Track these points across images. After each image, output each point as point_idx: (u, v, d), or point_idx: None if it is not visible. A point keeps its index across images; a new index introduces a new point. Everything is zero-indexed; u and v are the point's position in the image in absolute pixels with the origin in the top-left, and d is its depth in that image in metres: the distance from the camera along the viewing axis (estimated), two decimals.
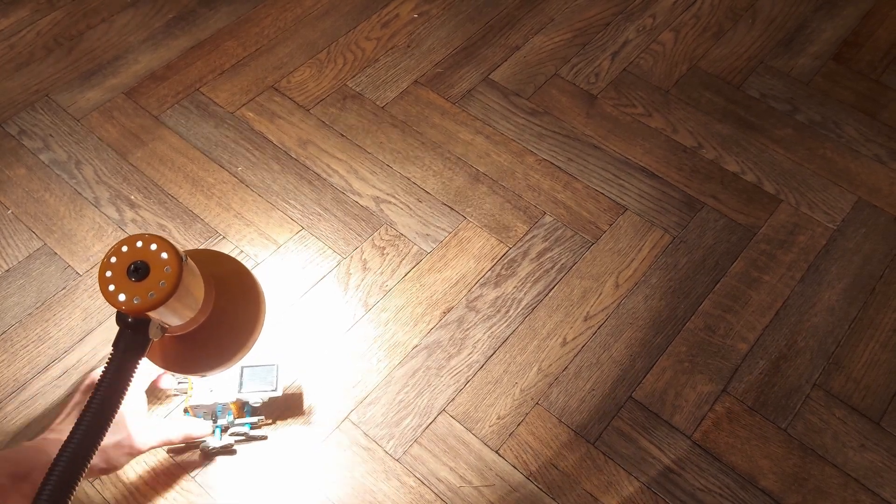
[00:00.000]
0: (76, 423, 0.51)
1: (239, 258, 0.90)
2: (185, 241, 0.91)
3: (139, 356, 0.55)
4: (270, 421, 0.78)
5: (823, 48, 1.14)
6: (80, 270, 0.88)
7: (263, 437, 0.77)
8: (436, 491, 0.75)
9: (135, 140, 1.00)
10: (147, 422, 0.71)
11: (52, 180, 0.96)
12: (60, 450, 0.50)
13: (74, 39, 1.12)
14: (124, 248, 0.53)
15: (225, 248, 0.91)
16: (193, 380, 0.76)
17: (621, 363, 0.83)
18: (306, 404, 0.79)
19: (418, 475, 0.76)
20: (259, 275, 0.88)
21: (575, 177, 0.98)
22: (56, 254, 0.89)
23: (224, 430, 0.76)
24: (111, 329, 0.84)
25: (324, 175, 0.98)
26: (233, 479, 0.75)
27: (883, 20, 1.18)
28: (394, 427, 0.78)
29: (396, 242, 0.92)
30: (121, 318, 0.54)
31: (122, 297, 0.52)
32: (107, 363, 0.54)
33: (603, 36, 1.15)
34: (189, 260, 0.55)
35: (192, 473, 0.75)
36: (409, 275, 0.89)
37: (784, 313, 0.87)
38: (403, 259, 0.91)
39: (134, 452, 0.67)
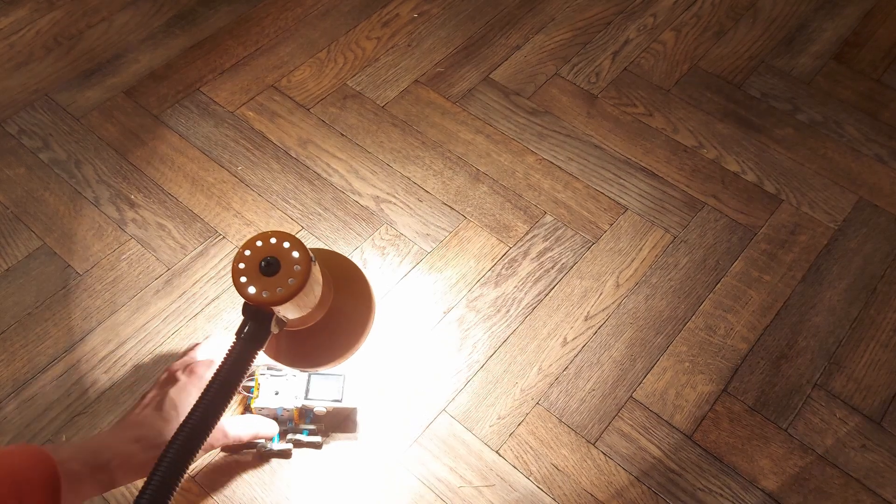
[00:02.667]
0: (193, 407, 0.53)
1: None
2: (185, 240, 0.91)
3: (259, 347, 0.56)
4: (323, 433, 0.77)
5: (824, 48, 1.14)
6: (79, 270, 0.88)
7: (318, 446, 0.76)
8: (436, 491, 0.75)
9: (135, 139, 1.00)
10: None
11: (51, 180, 0.96)
12: (179, 428, 0.52)
13: (74, 38, 1.12)
14: (258, 243, 0.55)
15: (225, 248, 0.90)
16: (261, 382, 0.76)
17: (622, 363, 0.83)
18: None
19: (418, 475, 0.76)
20: None
21: (575, 176, 0.98)
22: (56, 253, 0.89)
23: (282, 434, 0.76)
24: (111, 329, 0.84)
25: (324, 174, 0.98)
26: (233, 479, 0.75)
27: (884, 20, 1.18)
28: (394, 427, 0.78)
29: (397, 242, 0.92)
30: (247, 310, 0.56)
31: (251, 290, 0.54)
32: (228, 351, 0.55)
33: (604, 35, 1.15)
34: (317, 262, 0.57)
35: (192, 473, 0.75)
36: (409, 274, 0.89)
37: (785, 313, 0.87)
38: (404, 259, 0.90)
39: (206, 448, 0.69)
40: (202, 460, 0.75)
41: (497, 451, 0.77)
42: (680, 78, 1.10)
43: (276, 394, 0.75)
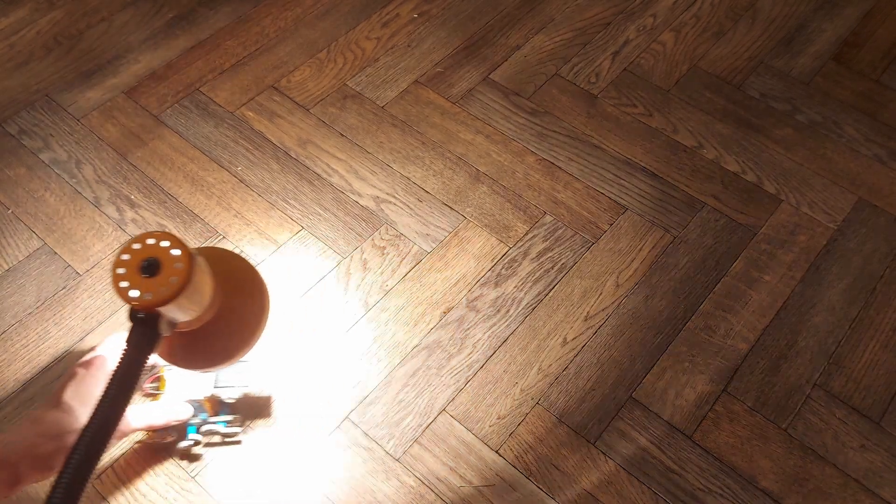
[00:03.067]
0: (90, 417, 0.52)
1: None
2: (185, 240, 0.91)
3: (150, 352, 0.55)
4: (240, 424, 0.77)
5: (823, 48, 1.14)
6: (80, 270, 0.88)
7: (237, 441, 0.76)
8: (436, 491, 0.75)
9: (135, 140, 1.00)
10: (130, 406, 0.71)
11: (52, 180, 0.96)
12: (75, 444, 0.51)
13: (74, 39, 1.12)
14: (136, 246, 0.54)
15: (225, 248, 0.90)
16: (166, 378, 0.76)
17: (621, 363, 0.83)
18: (306, 404, 0.79)
19: (418, 475, 0.76)
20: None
21: (575, 176, 0.98)
22: (56, 253, 0.89)
23: (197, 427, 0.75)
24: (111, 329, 0.84)
25: (324, 175, 0.98)
26: (233, 478, 0.75)
27: (883, 20, 1.18)
28: (394, 427, 0.78)
29: (397, 242, 0.92)
30: (133, 315, 0.55)
31: (134, 293, 0.53)
32: (119, 359, 0.54)
33: (603, 36, 1.15)
34: (199, 257, 0.56)
35: (192, 473, 0.75)
36: (409, 274, 0.89)
37: (784, 313, 0.87)
38: (404, 259, 0.90)
39: (118, 435, 0.68)
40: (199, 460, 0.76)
41: (497, 451, 0.77)
42: (679, 78, 1.10)
43: (185, 387, 0.75)
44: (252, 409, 0.79)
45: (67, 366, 0.81)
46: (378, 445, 0.77)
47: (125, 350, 0.55)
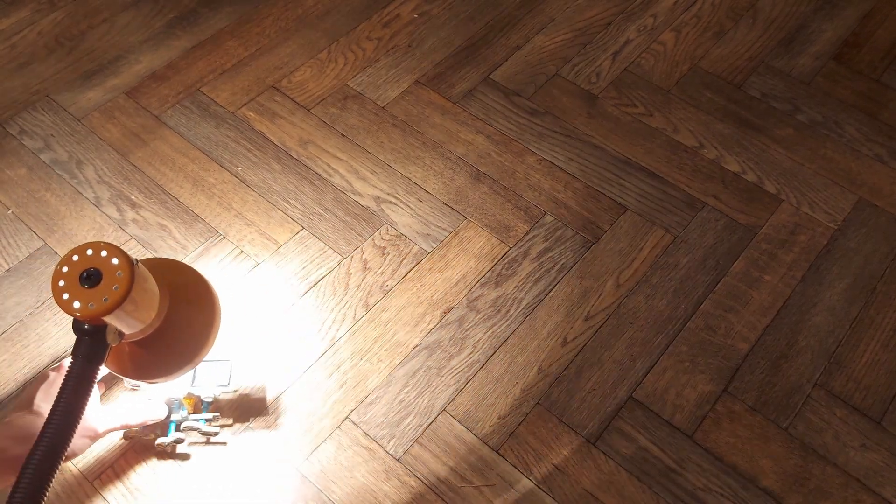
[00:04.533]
0: (41, 433, 0.51)
1: (239, 258, 0.90)
2: (186, 240, 0.91)
3: (99, 362, 0.55)
4: (230, 422, 0.77)
5: (824, 48, 1.14)
6: None
7: (222, 443, 0.76)
8: (436, 491, 0.75)
9: (136, 140, 1.00)
10: (103, 406, 0.71)
11: (52, 180, 0.96)
12: (27, 459, 0.50)
13: (75, 39, 1.12)
14: (75, 258, 0.54)
15: (225, 248, 0.91)
16: None
17: (622, 363, 0.83)
18: (304, 404, 0.80)
19: (419, 475, 0.76)
20: (259, 275, 0.89)
21: (576, 176, 0.98)
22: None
23: (178, 425, 0.75)
24: None
25: (324, 175, 0.98)
26: (232, 476, 0.75)
27: (883, 20, 1.18)
28: (394, 427, 0.78)
29: (397, 242, 0.92)
30: (78, 326, 0.55)
31: (77, 305, 0.53)
32: (67, 372, 0.54)
33: (604, 36, 1.15)
34: (140, 265, 0.56)
35: (183, 465, 0.75)
36: (409, 275, 0.89)
37: (785, 313, 0.87)
38: (404, 259, 0.91)
39: (93, 436, 0.67)
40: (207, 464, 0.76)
41: (497, 451, 0.77)
42: (680, 78, 1.10)
43: (165, 384, 0.74)
44: (249, 409, 0.79)
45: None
46: (378, 445, 0.77)
47: (72, 362, 0.54)
